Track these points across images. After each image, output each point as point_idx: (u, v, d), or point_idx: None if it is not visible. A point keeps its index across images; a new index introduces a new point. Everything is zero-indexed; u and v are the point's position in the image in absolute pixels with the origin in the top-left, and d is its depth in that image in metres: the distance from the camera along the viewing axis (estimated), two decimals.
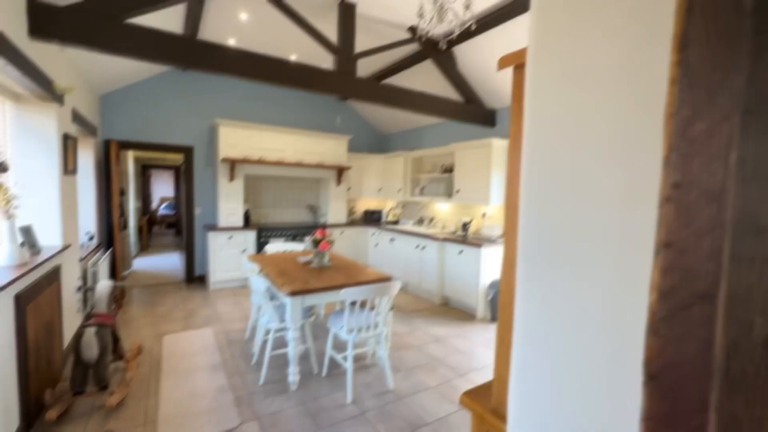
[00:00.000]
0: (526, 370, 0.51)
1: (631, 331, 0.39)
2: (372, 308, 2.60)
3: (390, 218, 6.57)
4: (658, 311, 0.34)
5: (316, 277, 2.81)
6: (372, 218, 6.61)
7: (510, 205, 1.02)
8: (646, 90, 0.37)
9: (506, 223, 1.03)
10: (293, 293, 2.48)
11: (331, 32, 3.75)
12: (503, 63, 1.02)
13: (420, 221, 5.96)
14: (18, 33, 2.10)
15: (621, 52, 0.39)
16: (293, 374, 2.61)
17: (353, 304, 2.54)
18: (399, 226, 5.81)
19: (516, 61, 0.99)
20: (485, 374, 2.93)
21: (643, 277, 0.38)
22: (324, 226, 5.79)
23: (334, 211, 6.05)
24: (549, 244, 0.48)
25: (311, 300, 2.60)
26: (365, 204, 6.93)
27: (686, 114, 0.33)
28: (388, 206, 6.79)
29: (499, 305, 1.08)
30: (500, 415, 1.06)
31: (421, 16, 2.33)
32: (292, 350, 2.58)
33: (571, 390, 0.45)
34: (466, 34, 3.33)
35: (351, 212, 6.68)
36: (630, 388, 0.38)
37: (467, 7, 2.25)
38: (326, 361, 2.84)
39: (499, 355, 1.08)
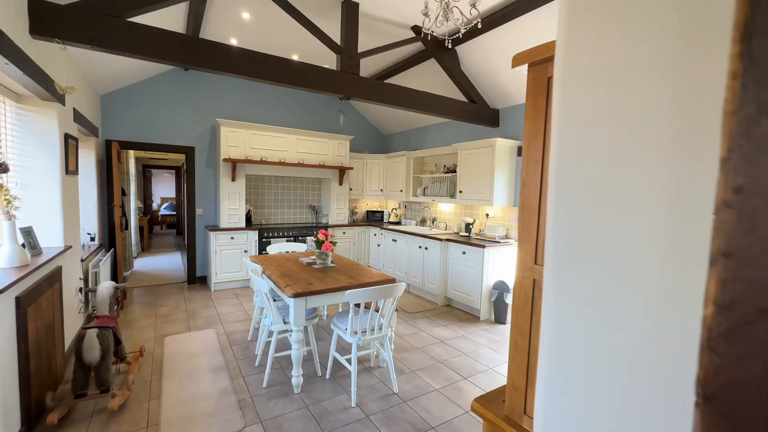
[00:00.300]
0: (557, 384, 0.48)
1: (680, 345, 0.36)
2: (377, 310, 2.57)
3: (392, 218, 6.54)
4: (715, 326, 0.32)
5: (319, 279, 2.78)
6: (374, 218, 6.58)
7: (526, 207, 0.99)
8: (698, 85, 0.34)
9: (521, 226, 1.00)
10: (297, 295, 2.46)
11: (334, 32, 3.72)
12: (517, 61, 1.00)
13: (422, 221, 5.94)
14: (19, 31, 2.07)
15: (668, 44, 0.36)
16: (297, 377, 2.58)
17: (358, 305, 2.51)
18: (401, 227, 5.78)
19: (531, 59, 0.97)
20: (490, 376, 2.91)
21: (694, 287, 0.35)
22: (326, 227, 5.77)
23: (336, 211, 6.03)
24: (583, 250, 0.45)
25: (315, 301, 2.57)
26: (367, 204, 6.90)
27: (750, 111, 0.30)
28: (390, 206, 6.77)
29: (513, 309, 1.05)
30: (513, 423, 1.03)
31: (426, 14, 2.30)
32: (296, 352, 2.55)
33: (608, 408, 0.42)
34: (472, 33, 3.30)
35: (353, 212, 6.66)
36: (679, 408, 0.36)
37: (473, 5, 2.22)
38: (330, 364, 2.81)
39: (513, 362, 1.05)
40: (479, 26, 2.28)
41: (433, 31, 2.54)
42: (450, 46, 2.94)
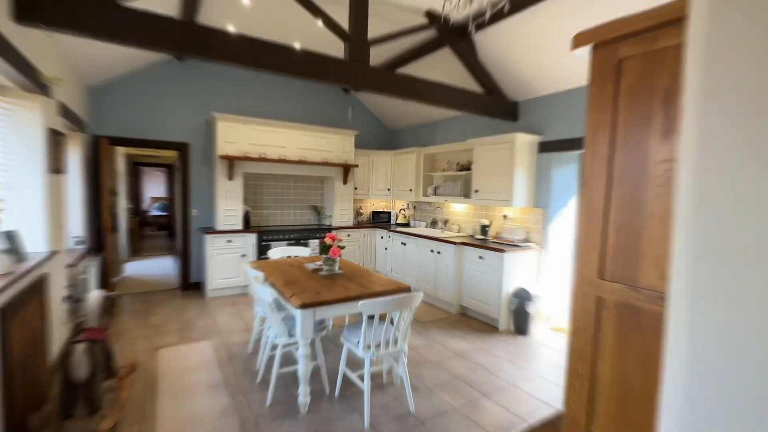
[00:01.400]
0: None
1: None
2: (392, 322, 2.49)
3: (400, 220, 6.46)
4: None
5: (327, 287, 2.70)
6: (380, 220, 6.50)
7: (586, 212, 0.90)
8: None
9: (581, 234, 0.92)
10: (304, 305, 2.37)
11: (340, 18, 3.64)
12: (579, 41, 0.91)
13: (433, 223, 5.85)
14: (1, 17, 2.00)
15: None
16: (303, 395, 2.50)
17: (371, 317, 2.43)
18: (411, 229, 5.69)
19: (596, 39, 0.88)
20: (514, 394, 2.81)
21: None
22: (329, 228, 5.69)
23: (340, 212, 5.94)
24: (741, 261, 0.36)
25: (324, 313, 2.49)
26: (373, 204, 6.82)
27: None
28: (397, 207, 6.68)
29: (571, 330, 0.97)
30: None
31: None
32: (302, 368, 2.47)
33: None
34: (496, 17, 3.20)
35: (358, 213, 6.57)
36: None
37: None
38: (339, 380, 2.73)
39: (571, 389, 0.96)
40: (506, 8, 2.19)
41: (454, 16, 2.44)
42: (474, 31, 2.83)
